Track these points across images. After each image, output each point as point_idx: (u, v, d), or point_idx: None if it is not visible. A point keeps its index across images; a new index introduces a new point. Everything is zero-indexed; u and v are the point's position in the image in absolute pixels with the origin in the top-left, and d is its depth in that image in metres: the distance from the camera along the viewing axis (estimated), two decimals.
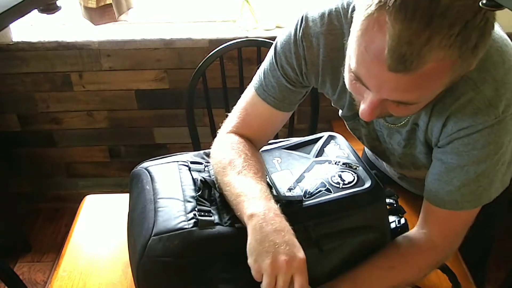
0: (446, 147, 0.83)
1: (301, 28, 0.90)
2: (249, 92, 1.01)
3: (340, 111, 1.04)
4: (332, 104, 1.04)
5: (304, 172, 0.94)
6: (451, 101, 0.79)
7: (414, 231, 0.94)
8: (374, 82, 0.70)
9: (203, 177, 0.91)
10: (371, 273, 0.89)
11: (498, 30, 0.81)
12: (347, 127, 1.07)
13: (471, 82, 0.77)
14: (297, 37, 0.91)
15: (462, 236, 0.91)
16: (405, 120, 0.90)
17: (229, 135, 1.00)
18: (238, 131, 1.00)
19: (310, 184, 0.91)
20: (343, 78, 0.89)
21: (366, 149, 1.35)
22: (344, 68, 0.81)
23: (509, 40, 0.82)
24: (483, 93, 0.77)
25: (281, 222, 0.77)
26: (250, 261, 0.75)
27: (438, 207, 0.88)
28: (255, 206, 0.78)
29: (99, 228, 1.19)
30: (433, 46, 0.62)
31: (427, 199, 0.90)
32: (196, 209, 0.85)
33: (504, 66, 0.78)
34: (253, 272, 0.75)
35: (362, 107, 0.76)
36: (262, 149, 1.03)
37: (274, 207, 0.79)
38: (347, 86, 0.80)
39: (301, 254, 0.75)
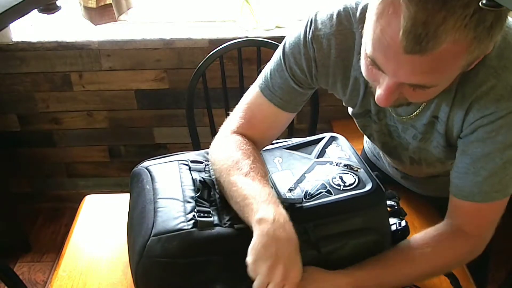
0: (470, 136, 0.83)
1: (311, 31, 0.91)
2: (254, 92, 1.00)
3: (351, 109, 1.04)
4: (344, 104, 1.04)
5: (305, 173, 0.94)
6: (473, 89, 0.80)
7: (443, 223, 0.93)
8: (391, 65, 0.70)
9: (202, 178, 0.91)
10: (402, 259, 0.89)
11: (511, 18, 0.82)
12: (357, 125, 1.06)
13: (492, 69, 0.78)
14: (307, 39, 0.91)
15: (494, 226, 0.91)
16: (417, 111, 0.89)
17: (234, 135, 0.98)
18: (243, 132, 0.99)
19: (310, 185, 0.90)
20: (353, 76, 0.89)
21: (366, 149, 1.35)
22: (353, 67, 0.83)
23: None
24: (505, 80, 0.78)
25: (290, 231, 0.77)
26: (249, 259, 0.75)
27: (467, 201, 0.87)
28: (265, 210, 0.78)
29: (99, 228, 1.18)
30: (448, 26, 0.62)
31: (454, 195, 0.89)
32: (196, 210, 0.84)
33: None
34: (249, 270, 0.75)
35: (378, 92, 0.76)
36: (264, 149, 1.03)
37: (284, 213, 0.79)
38: (363, 73, 0.80)
39: (298, 269, 0.76)
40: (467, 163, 0.85)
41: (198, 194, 0.88)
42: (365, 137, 1.32)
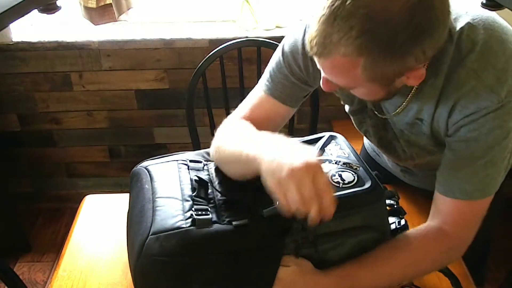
0: (454, 135, 0.87)
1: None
2: (257, 88, 1.06)
3: (348, 107, 1.08)
4: (341, 102, 1.09)
5: None
6: (454, 91, 0.84)
7: (425, 224, 0.95)
8: (317, 62, 0.82)
9: (197, 176, 0.91)
10: (381, 260, 0.90)
11: (498, 19, 0.86)
12: (353, 122, 1.10)
13: (472, 72, 0.82)
14: (305, 39, 0.94)
15: (475, 227, 0.92)
16: (398, 110, 0.94)
17: (241, 120, 1.03)
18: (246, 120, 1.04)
19: None
20: None
21: (366, 145, 1.36)
22: None
23: (510, 28, 0.86)
24: (484, 81, 0.81)
25: (289, 140, 0.80)
26: (269, 183, 0.74)
27: (448, 197, 0.90)
28: (270, 141, 0.82)
29: (99, 228, 1.19)
30: (334, 41, 0.73)
31: (437, 190, 0.92)
32: (193, 208, 0.85)
33: (505, 54, 0.82)
34: (277, 195, 0.74)
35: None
36: None
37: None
38: None
39: (312, 156, 0.75)
40: (451, 160, 0.89)
41: (194, 193, 0.88)
42: None
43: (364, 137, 1.36)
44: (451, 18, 0.81)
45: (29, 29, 2.03)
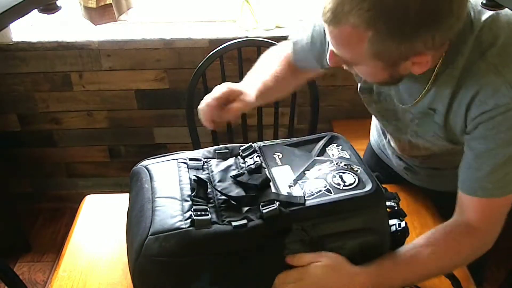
0: (473, 132, 0.87)
1: None
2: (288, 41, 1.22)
3: (359, 85, 1.11)
4: (354, 78, 1.12)
5: (304, 170, 0.94)
6: (473, 83, 0.84)
7: (451, 220, 0.95)
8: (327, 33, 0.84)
9: (196, 176, 0.91)
10: (416, 259, 0.90)
11: None
12: (363, 101, 1.13)
13: (493, 66, 0.82)
14: None
15: (501, 221, 0.92)
16: (417, 100, 0.95)
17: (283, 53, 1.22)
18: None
19: (310, 182, 0.90)
20: None
21: (372, 142, 1.39)
22: None
23: None
24: (504, 76, 0.81)
25: None
26: None
27: (470, 196, 0.90)
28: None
29: (99, 228, 1.19)
30: (345, 10, 0.75)
31: (460, 189, 0.93)
32: (192, 209, 0.84)
33: None
34: None
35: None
36: (264, 144, 1.03)
37: None
38: None
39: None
40: (471, 158, 0.89)
41: (193, 193, 0.87)
42: (371, 130, 1.35)
43: (371, 134, 1.39)
44: (473, 9, 0.82)
45: (29, 29, 2.03)
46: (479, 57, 0.83)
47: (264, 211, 0.83)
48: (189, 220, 0.82)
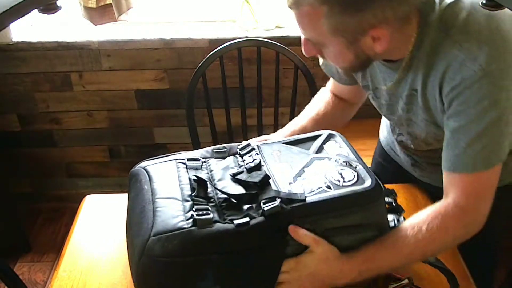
0: (448, 110, 0.91)
1: None
2: None
3: (361, 84, 1.15)
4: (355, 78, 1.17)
5: (303, 167, 0.94)
6: (441, 61, 0.88)
7: (439, 202, 0.96)
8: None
9: (196, 175, 0.91)
10: (401, 242, 0.91)
11: None
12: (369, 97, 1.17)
13: (457, 44, 0.86)
14: None
15: (488, 199, 0.93)
16: (395, 80, 0.99)
17: (325, 93, 1.32)
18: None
19: (309, 179, 0.91)
20: None
21: (382, 139, 1.41)
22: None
23: (507, 11, 0.87)
24: (467, 50, 0.85)
25: None
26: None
27: (454, 173, 0.92)
28: None
29: (99, 228, 1.19)
30: None
31: (443, 168, 0.95)
32: (194, 208, 0.84)
33: (490, 27, 0.86)
34: None
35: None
36: (262, 142, 1.04)
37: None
38: None
39: None
40: (449, 136, 0.92)
41: (194, 193, 0.88)
42: (381, 128, 1.39)
43: (380, 131, 1.42)
44: None
45: (29, 29, 2.03)
46: (444, 36, 0.87)
47: (265, 208, 0.83)
48: (191, 220, 0.82)
